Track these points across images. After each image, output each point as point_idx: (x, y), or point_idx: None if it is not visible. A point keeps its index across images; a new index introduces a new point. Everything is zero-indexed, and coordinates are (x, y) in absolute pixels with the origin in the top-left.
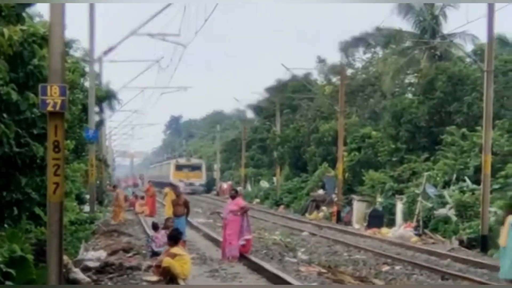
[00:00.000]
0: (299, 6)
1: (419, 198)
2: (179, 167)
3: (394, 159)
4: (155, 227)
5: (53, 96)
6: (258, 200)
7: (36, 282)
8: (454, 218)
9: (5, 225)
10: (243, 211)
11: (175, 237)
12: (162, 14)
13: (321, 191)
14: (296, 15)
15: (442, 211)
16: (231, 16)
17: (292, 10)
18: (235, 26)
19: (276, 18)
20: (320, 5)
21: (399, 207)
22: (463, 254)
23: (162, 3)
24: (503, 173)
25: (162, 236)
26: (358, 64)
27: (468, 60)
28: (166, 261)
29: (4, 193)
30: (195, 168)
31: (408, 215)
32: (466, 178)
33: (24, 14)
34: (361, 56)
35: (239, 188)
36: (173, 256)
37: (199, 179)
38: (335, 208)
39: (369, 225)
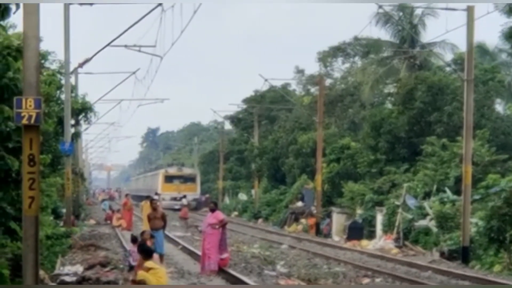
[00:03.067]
0: (276, 17)
1: (399, 210)
2: (169, 179)
3: (373, 170)
4: (133, 240)
5: (28, 109)
6: (236, 212)
7: None
8: (435, 230)
9: None
10: (221, 224)
11: (146, 251)
12: (138, 26)
13: (300, 203)
14: (274, 26)
15: (422, 223)
16: (208, 27)
17: (269, 21)
18: (212, 37)
19: (254, 29)
20: (298, 16)
21: (379, 219)
22: (444, 266)
23: (138, 14)
24: (484, 183)
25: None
26: (337, 74)
27: (448, 69)
28: (140, 274)
29: None
30: (188, 179)
31: (388, 227)
32: (446, 189)
33: None
34: (339, 66)
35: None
36: (147, 270)
37: (193, 193)
38: (313, 220)
39: (349, 237)
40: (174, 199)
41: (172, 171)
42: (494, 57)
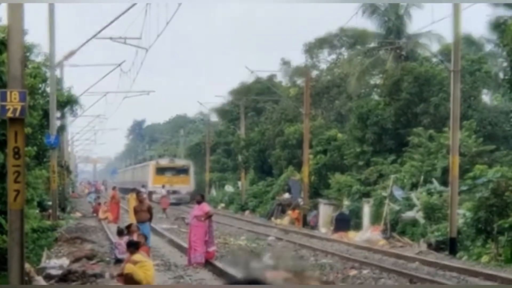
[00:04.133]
0: (262, 8)
1: (386, 201)
2: (160, 170)
3: (360, 161)
4: (120, 232)
5: (12, 102)
6: (223, 204)
7: None
8: (422, 221)
9: None
10: (207, 216)
11: (134, 244)
12: (123, 18)
13: (286, 195)
14: (260, 17)
15: (409, 214)
16: (193, 19)
17: (255, 12)
18: (198, 29)
19: (239, 21)
20: (284, 7)
21: (366, 210)
22: (431, 257)
23: (123, 6)
24: (471, 174)
25: (125, 242)
26: (323, 66)
27: (434, 60)
28: (128, 267)
29: None
30: (181, 171)
31: (375, 218)
32: (433, 180)
33: None
34: (326, 58)
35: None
36: (135, 263)
37: (186, 186)
38: (299, 212)
39: (336, 229)
40: (167, 192)
41: (164, 162)
42: (480, 47)
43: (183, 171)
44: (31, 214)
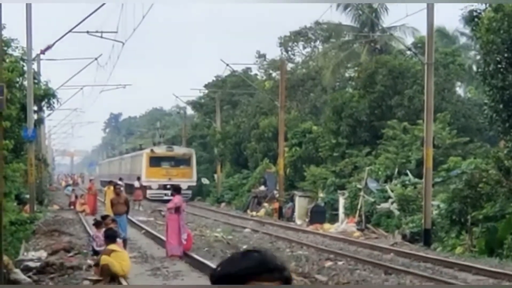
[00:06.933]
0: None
1: (361, 193)
2: (155, 161)
3: (335, 154)
4: (97, 224)
5: None
6: (199, 197)
7: None
8: (397, 213)
9: None
10: (175, 207)
11: (111, 236)
12: (100, 12)
13: (262, 188)
14: (235, 10)
15: (384, 206)
16: (169, 13)
17: (231, 5)
18: (174, 22)
19: (215, 14)
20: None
21: (341, 202)
22: (406, 248)
23: (100, 0)
24: (445, 166)
25: (103, 235)
26: (298, 59)
27: (408, 53)
28: (104, 259)
29: None
30: (182, 161)
31: (351, 210)
32: (408, 172)
33: None
34: (301, 51)
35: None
36: (110, 252)
37: (188, 179)
38: (276, 204)
39: (311, 221)
40: (164, 187)
41: (160, 151)
42: (454, 40)
43: (184, 161)
44: (9, 207)
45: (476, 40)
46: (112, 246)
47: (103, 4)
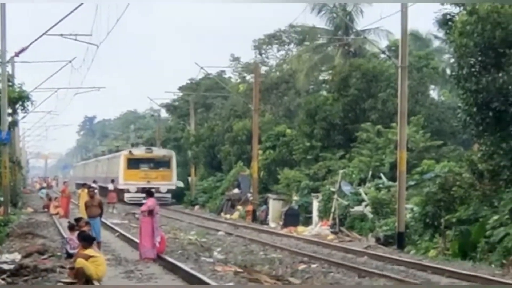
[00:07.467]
0: (211, 5)
1: (335, 196)
2: (133, 163)
3: (309, 157)
4: (71, 227)
5: None
6: (173, 200)
7: None
8: (370, 216)
9: None
10: (148, 210)
11: (87, 238)
12: (74, 14)
13: (236, 190)
14: (209, 13)
15: (358, 209)
16: (143, 16)
17: (205, 9)
18: (148, 25)
19: (189, 17)
20: (233, 3)
21: (315, 205)
22: (379, 251)
23: (74, 3)
24: (418, 169)
25: (76, 237)
26: (272, 62)
27: (382, 56)
28: (79, 262)
29: None
30: (161, 163)
31: (324, 213)
32: (381, 175)
33: None
34: (275, 54)
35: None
36: (87, 258)
37: (168, 182)
38: (250, 207)
39: (285, 224)
40: (142, 190)
41: (138, 152)
42: (428, 43)
43: (164, 163)
44: None
45: (449, 44)
46: (89, 251)
47: (79, 5)
